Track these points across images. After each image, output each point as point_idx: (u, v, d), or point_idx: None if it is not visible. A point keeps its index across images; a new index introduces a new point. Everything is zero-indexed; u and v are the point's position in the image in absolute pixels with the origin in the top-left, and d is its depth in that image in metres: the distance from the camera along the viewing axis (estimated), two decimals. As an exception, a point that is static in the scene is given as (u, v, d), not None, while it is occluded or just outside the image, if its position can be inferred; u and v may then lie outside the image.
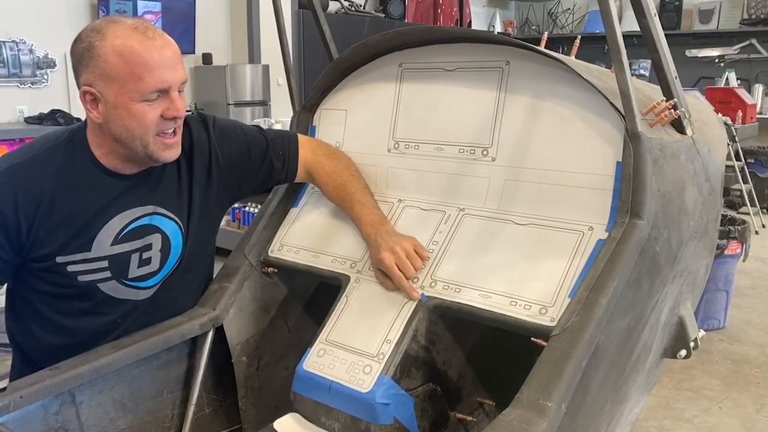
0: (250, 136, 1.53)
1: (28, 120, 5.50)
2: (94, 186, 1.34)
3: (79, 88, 1.28)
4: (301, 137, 1.60)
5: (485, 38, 1.45)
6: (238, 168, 1.51)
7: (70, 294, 1.37)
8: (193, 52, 6.86)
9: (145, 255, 1.40)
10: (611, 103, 1.25)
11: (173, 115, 1.29)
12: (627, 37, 1.19)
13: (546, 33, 1.67)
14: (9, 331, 1.46)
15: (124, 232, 1.37)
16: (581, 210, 1.30)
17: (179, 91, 1.29)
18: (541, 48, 1.48)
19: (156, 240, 1.41)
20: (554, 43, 7.72)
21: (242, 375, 1.58)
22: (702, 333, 1.48)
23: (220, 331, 1.54)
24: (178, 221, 1.44)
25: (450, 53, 1.53)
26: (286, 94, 1.76)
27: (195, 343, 1.52)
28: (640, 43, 1.31)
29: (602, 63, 1.32)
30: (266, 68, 6.95)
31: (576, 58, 1.48)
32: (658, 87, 1.40)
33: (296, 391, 1.40)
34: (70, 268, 1.34)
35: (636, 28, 1.29)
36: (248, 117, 6.69)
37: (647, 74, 8.36)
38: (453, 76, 1.51)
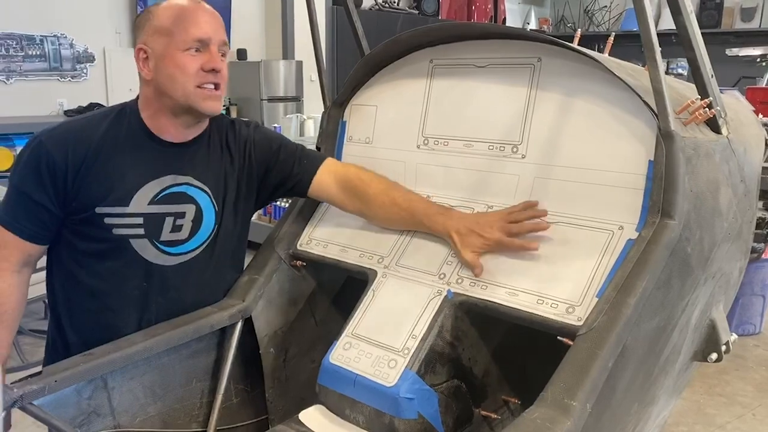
0: (286, 141, 1.62)
1: (68, 113, 5.64)
2: (136, 146, 1.44)
3: (135, 51, 1.42)
4: (332, 158, 1.64)
5: (517, 35, 1.44)
6: (265, 162, 1.57)
7: (102, 250, 1.42)
8: (228, 48, 6.95)
9: (178, 222, 1.46)
10: (644, 101, 1.23)
11: (211, 67, 1.39)
12: (665, 35, 1.17)
13: (579, 30, 1.65)
14: (48, 300, 1.53)
15: (162, 194, 1.44)
16: (612, 209, 1.29)
17: (222, 54, 1.42)
18: (574, 45, 1.47)
19: (190, 210, 1.47)
20: (590, 40, 7.60)
21: (269, 366, 1.60)
22: (734, 336, 1.45)
23: (248, 323, 1.56)
24: (212, 198, 1.50)
25: (481, 50, 1.52)
26: (318, 89, 1.77)
27: (224, 333, 1.55)
28: (678, 42, 1.28)
29: (639, 61, 1.29)
30: (299, 64, 7.01)
31: (612, 56, 1.46)
32: (694, 86, 1.38)
33: (322, 383, 1.41)
34: (107, 221, 1.40)
35: (673, 26, 1.27)
36: (281, 112, 6.75)
37: (685, 73, 8.22)
38: (484, 72, 1.51)
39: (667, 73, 1.38)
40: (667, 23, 8.35)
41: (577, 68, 1.36)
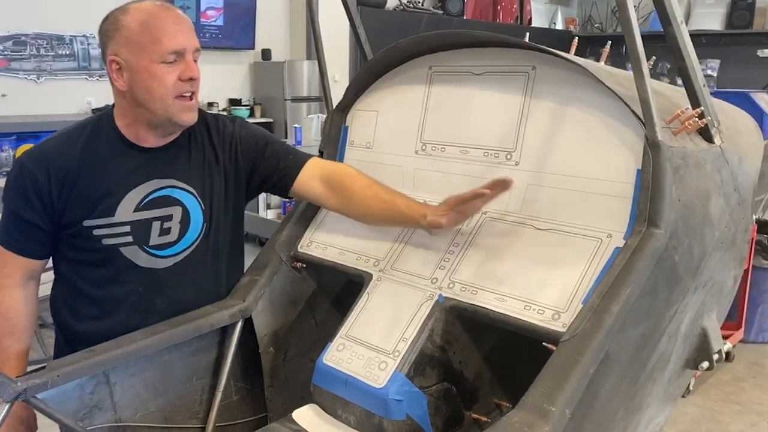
0: (272, 138, 1.64)
1: (96, 111, 5.77)
2: (116, 156, 1.46)
3: (104, 61, 1.41)
4: (317, 157, 1.66)
5: (511, 43, 1.46)
6: (252, 158, 1.59)
7: (95, 260, 1.47)
8: (253, 48, 7.02)
9: (166, 225, 1.49)
10: (632, 110, 1.24)
11: (189, 76, 1.40)
12: (694, 36, 1.17)
13: (577, 38, 1.65)
14: (50, 305, 1.58)
15: (146, 200, 1.47)
16: (601, 217, 1.30)
17: (194, 60, 1.42)
18: (571, 53, 1.48)
19: (176, 212, 1.50)
20: (618, 41, 7.49)
21: (269, 365, 1.64)
22: (728, 345, 1.45)
23: (249, 323, 1.60)
24: (198, 197, 1.52)
25: (479, 57, 1.54)
26: (341, 90, 1.78)
27: (225, 332, 1.59)
28: (708, 43, 1.28)
29: (667, 62, 1.27)
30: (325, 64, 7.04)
31: (642, 56, 1.42)
32: None
33: (316, 383, 1.45)
34: (96, 232, 1.44)
35: (703, 27, 1.27)
36: (304, 112, 6.80)
37: (715, 74, 8.08)
38: (481, 79, 1.53)
39: None
40: (695, 24, 8.24)
41: (571, 77, 1.38)
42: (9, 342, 1.45)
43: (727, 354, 3.51)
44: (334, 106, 1.80)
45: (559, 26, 9.14)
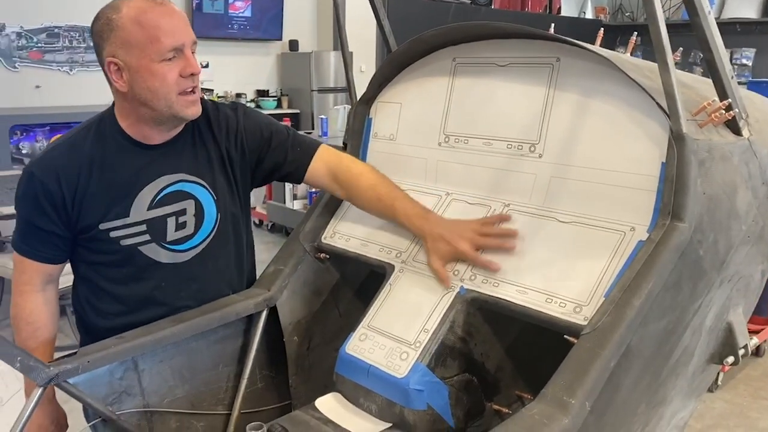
0: (276, 127, 1.62)
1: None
2: (124, 156, 1.46)
3: (101, 63, 1.40)
4: (326, 146, 1.65)
5: (536, 35, 1.45)
6: (258, 150, 1.59)
7: (116, 260, 1.49)
8: (281, 39, 7.06)
9: (181, 219, 1.51)
10: (657, 102, 1.23)
11: (190, 72, 1.39)
12: (729, 24, 1.15)
13: (602, 29, 1.64)
14: (73, 307, 1.61)
15: (158, 197, 1.48)
16: (625, 210, 1.29)
17: (192, 52, 1.40)
18: (596, 45, 1.47)
19: (189, 205, 1.51)
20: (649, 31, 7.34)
21: (293, 354, 1.67)
22: (755, 340, 1.43)
23: (273, 312, 1.63)
24: (208, 188, 1.54)
25: (503, 48, 1.54)
26: (367, 81, 1.78)
27: (250, 321, 1.62)
28: (743, 31, 1.26)
29: (700, 51, 1.25)
30: (350, 55, 7.05)
31: (673, 45, 1.40)
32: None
33: (338, 372, 1.47)
34: (113, 234, 1.46)
35: (737, 15, 1.26)
36: (330, 103, 6.84)
37: (750, 63, 7.89)
38: (505, 71, 1.52)
39: (730, 63, 1.32)
40: (731, 12, 8.05)
41: (595, 69, 1.37)
42: (32, 344, 1.49)
43: (757, 349, 3.46)
44: (358, 98, 1.81)
45: (589, 15, 9.00)
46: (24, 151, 5.22)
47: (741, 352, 1.41)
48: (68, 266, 1.55)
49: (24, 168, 1.47)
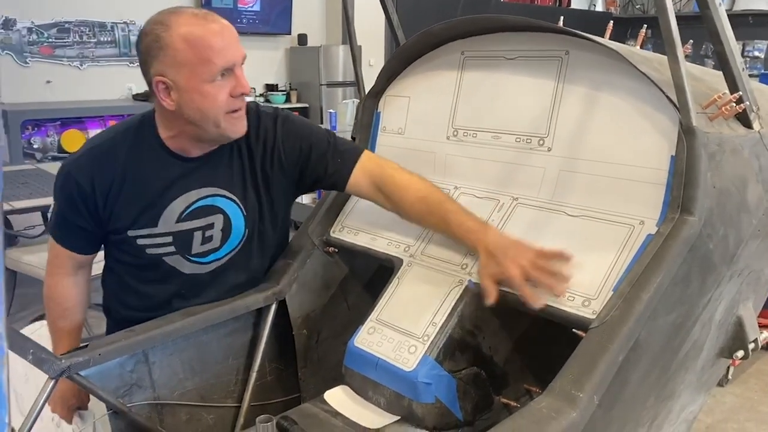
0: (316, 137, 1.55)
1: (136, 97, 5.89)
2: (159, 167, 1.45)
3: (148, 79, 1.37)
4: (368, 152, 1.58)
5: (544, 28, 1.44)
6: (298, 165, 1.55)
7: (141, 264, 1.52)
8: (289, 33, 7.05)
9: (208, 233, 1.50)
10: (667, 95, 1.22)
11: (241, 92, 1.37)
12: (741, 16, 1.14)
13: (612, 22, 1.63)
14: (102, 288, 1.66)
15: (188, 210, 1.48)
16: (634, 203, 1.29)
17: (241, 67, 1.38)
18: (606, 37, 1.46)
19: (218, 220, 1.50)
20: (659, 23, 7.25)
21: (302, 347, 1.68)
22: (765, 335, 1.42)
23: (282, 305, 1.64)
24: (240, 204, 1.52)
25: (511, 41, 1.53)
26: (376, 74, 1.76)
27: (260, 314, 1.63)
28: (755, 23, 1.26)
29: (709, 43, 1.23)
30: (359, 49, 7.03)
31: (684, 38, 1.39)
32: None
33: (347, 365, 1.48)
34: (140, 242, 1.47)
35: (750, 6, 1.25)
36: (339, 97, 6.83)
37: (762, 56, 7.81)
38: (513, 64, 1.52)
39: (742, 55, 1.32)
40: (743, 4, 7.97)
41: (604, 62, 1.36)
42: (62, 324, 1.56)
43: (767, 343, 3.44)
44: (366, 92, 1.81)
45: (599, 8, 8.94)
46: (35, 146, 5.24)
47: (751, 346, 1.40)
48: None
49: (63, 162, 1.49)
